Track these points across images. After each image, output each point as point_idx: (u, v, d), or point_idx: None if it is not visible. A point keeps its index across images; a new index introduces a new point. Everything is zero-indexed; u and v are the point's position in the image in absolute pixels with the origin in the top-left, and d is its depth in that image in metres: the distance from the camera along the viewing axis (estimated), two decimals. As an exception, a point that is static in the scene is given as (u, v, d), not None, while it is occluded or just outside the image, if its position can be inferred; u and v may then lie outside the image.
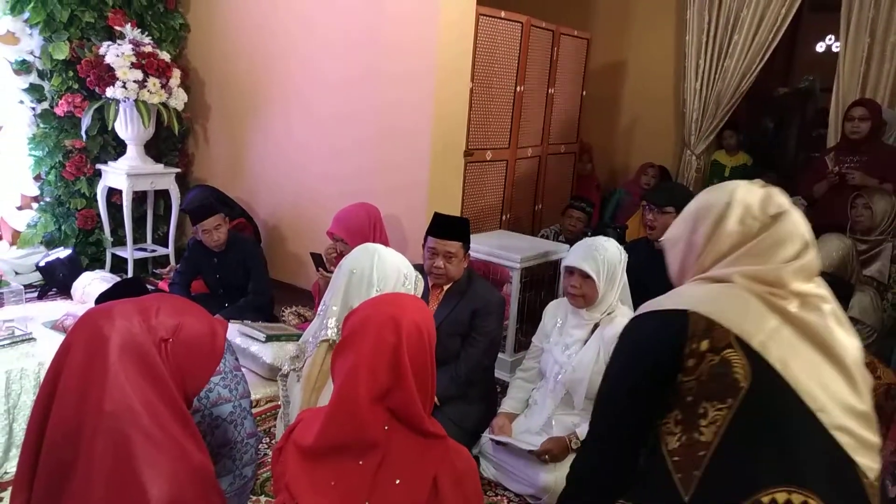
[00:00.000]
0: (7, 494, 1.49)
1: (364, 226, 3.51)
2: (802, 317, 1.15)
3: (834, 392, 1.12)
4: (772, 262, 1.19)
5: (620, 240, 3.42)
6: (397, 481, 1.27)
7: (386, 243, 3.33)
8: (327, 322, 2.09)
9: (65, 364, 1.34)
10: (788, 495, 1.03)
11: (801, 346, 1.14)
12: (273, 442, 2.66)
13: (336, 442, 1.34)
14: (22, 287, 2.93)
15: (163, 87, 4.22)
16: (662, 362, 1.17)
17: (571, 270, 2.51)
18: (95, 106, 4.16)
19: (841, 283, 1.93)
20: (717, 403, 1.10)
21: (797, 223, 1.22)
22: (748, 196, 1.24)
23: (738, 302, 1.17)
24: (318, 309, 2.24)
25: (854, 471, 1.09)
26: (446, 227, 2.70)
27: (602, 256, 2.47)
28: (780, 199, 1.25)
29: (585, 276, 2.46)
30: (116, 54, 4.05)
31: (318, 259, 3.48)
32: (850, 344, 1.17)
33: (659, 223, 3.06)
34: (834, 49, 5.98)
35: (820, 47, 6.46)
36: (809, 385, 1.10)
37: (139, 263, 4.59)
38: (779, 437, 1.08)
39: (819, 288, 1.21)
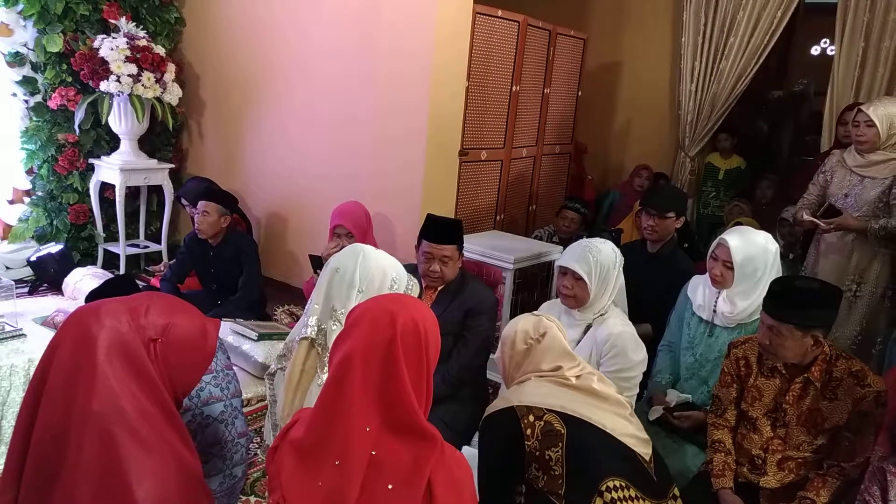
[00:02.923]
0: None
1: (364, 222, 3.57)
2: (580, 384, 1.87)
3: (614, 419, 1.83)
4: (546, 364, 1.91)
5: (616, 244, 3.43)
6: (389, 486, 1.25)
7: (373, 242, 3.34)
8: (308, 320, 2.06)
9: (52, 363, 1.33)
10: (614, 481, 1.70)
11: (583, 398, 1.84)
12: (263, 442, 2.65)
13: (321, 437, 1.32)
14: (13, 283, 2.89)
15: (157, 81, 4.19)
16: (513, 435, 1.75)
17: (564, 271, 2.52)
18: (89, 100, 4.13)
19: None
20: (553, 448, 1.72)
21: (555, 337, 1.94)
22: (525, 325, 1.96)
23: (542, 388, 1.86)
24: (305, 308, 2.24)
25: (638, 457, 1.80)
26: (441, 231, 2.69)
27: (595, 258, 2.47)
28: (546, 322, 1.96)
29: (577, 278, 2.47)
30: (111, 48, 4.02)
31: (317, 261, 3.46)
32: (610, 391, 1.91)
33: (660, 228, 3.09)
34: (829, 52, 6.01)
35: (815, 51, 6.48)
36: (598, 417, 1.80)
37: (131, 259, 4.57)
38: (595, 449, 1.75)
39: (581, 366, 1.93)
